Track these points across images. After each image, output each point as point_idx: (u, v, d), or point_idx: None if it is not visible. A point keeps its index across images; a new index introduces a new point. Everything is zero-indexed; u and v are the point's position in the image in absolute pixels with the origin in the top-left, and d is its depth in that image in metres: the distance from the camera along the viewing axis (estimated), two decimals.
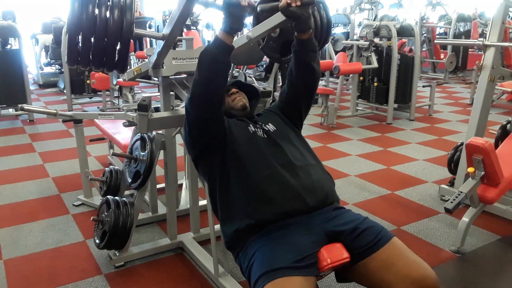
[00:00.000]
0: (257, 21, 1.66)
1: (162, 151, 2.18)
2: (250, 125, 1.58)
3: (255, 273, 1.27)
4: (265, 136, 1.55)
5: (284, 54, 1.81)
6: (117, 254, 2.12)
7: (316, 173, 1.51)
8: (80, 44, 1.49)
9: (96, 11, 1.46)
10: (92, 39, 1.48)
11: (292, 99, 1.68)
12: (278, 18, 1.53)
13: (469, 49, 8.09)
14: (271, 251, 1.30)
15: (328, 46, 6.50)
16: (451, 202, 2.09)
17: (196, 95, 1.44)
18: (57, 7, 10.27)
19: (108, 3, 1.47)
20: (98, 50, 1.51)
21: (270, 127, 1.60)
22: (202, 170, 1.58)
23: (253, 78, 6.16)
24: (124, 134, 2.97)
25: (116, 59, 1.57)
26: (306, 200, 1.40)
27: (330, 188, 1.52)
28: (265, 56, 2.24)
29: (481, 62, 2.65)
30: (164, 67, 1.96)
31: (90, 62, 1.55)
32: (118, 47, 1.53)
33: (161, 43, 1.75)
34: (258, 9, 1.48)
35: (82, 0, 1.44)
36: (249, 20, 1.75)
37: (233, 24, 1.38)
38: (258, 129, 1.57)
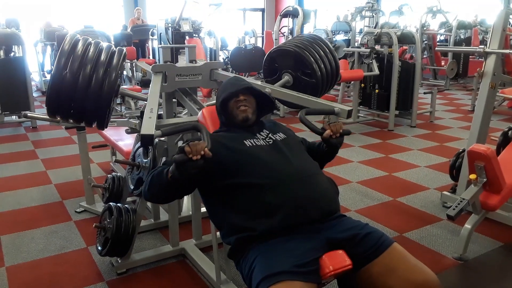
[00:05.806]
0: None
1: (164, 158, 2.19)
2: (247, 139, 1.54)
3: (255, 278, 1.27)
4: (270, 144, 1.53)
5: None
6: (119, 261, 2.13)
7: (323, 182, 1.51)
8: (60, 101, 1.48)
9: (80, 70, 1.46)
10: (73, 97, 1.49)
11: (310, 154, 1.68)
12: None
13: (470, 56, 8.11)
14: (272, 256, 1.30)
15: None
16: (453, 209, 2.08)
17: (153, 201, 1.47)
18: (61, 15, 10.38)
19: (91, 63, 1.46)
20: (77, 109, 1.51)
21: (279, 136, 1.59)
22: (202, 193, 1.55)
23: None
24: (126, 141, 2.99)
25: (97, 116, 1.57)
26: (310, 212, 1.40)
27: (334, 199, 1.52)
28: None
29: (482, 69, 2.66)
30: (167, 83, 1.98)
31: (70, 116, 1.56)
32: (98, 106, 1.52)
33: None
34: (299, 117, 1.60)
35: (66, 58, 1.44)
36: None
37: (184, 176, 1.31)
38: (258, 139, 1.55)
